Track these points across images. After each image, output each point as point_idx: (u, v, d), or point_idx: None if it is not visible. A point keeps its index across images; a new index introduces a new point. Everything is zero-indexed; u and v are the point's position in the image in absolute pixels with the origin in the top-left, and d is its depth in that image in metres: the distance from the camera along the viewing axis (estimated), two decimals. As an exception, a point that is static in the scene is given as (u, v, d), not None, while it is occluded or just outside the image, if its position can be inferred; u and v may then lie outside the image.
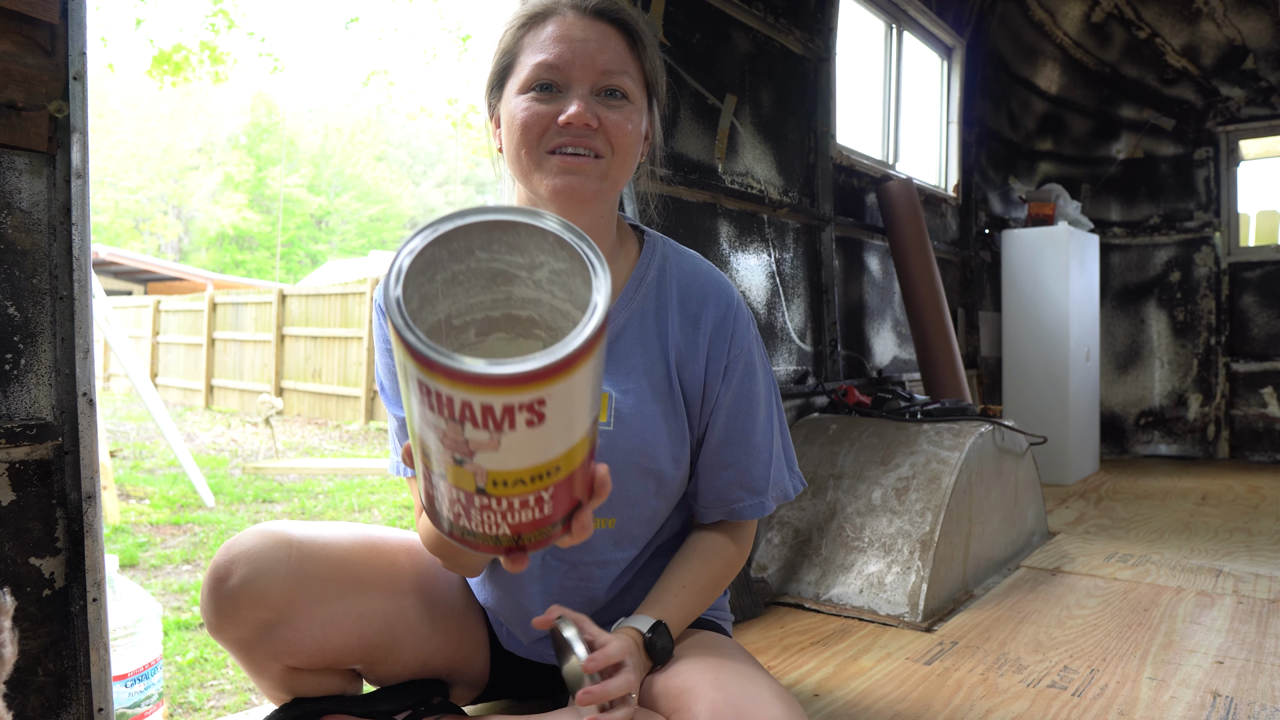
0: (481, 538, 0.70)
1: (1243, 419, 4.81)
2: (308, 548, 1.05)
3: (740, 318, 1.11)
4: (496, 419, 0.60)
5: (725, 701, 0.91)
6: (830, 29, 2.96)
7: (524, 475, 0.64)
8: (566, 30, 0.98)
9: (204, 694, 2.28)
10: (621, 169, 1.02)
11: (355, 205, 27.19)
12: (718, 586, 1.13)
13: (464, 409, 0.59)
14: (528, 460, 0.63)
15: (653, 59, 1.05)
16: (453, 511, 0.68)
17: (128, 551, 3.74)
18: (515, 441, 0.61)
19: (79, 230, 1.14)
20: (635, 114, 1.01)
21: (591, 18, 0.99)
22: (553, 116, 0.97)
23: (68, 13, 1.13)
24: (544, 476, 0.66)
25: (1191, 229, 4.95)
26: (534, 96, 0.98)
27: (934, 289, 3.30)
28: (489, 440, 0.61)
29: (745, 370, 1.11)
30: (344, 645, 1.06)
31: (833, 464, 2.38)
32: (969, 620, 2.01)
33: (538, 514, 0.68)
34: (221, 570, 1.01)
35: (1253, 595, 2.18)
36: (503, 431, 0.60)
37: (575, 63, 0.97)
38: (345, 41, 25.90)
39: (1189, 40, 4.68)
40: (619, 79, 0.99)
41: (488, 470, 0.63)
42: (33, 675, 1.11)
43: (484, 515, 0.67)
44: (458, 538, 0.71)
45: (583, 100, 0.97)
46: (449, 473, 0.65)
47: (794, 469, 1.18)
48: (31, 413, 1.11)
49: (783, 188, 2.80)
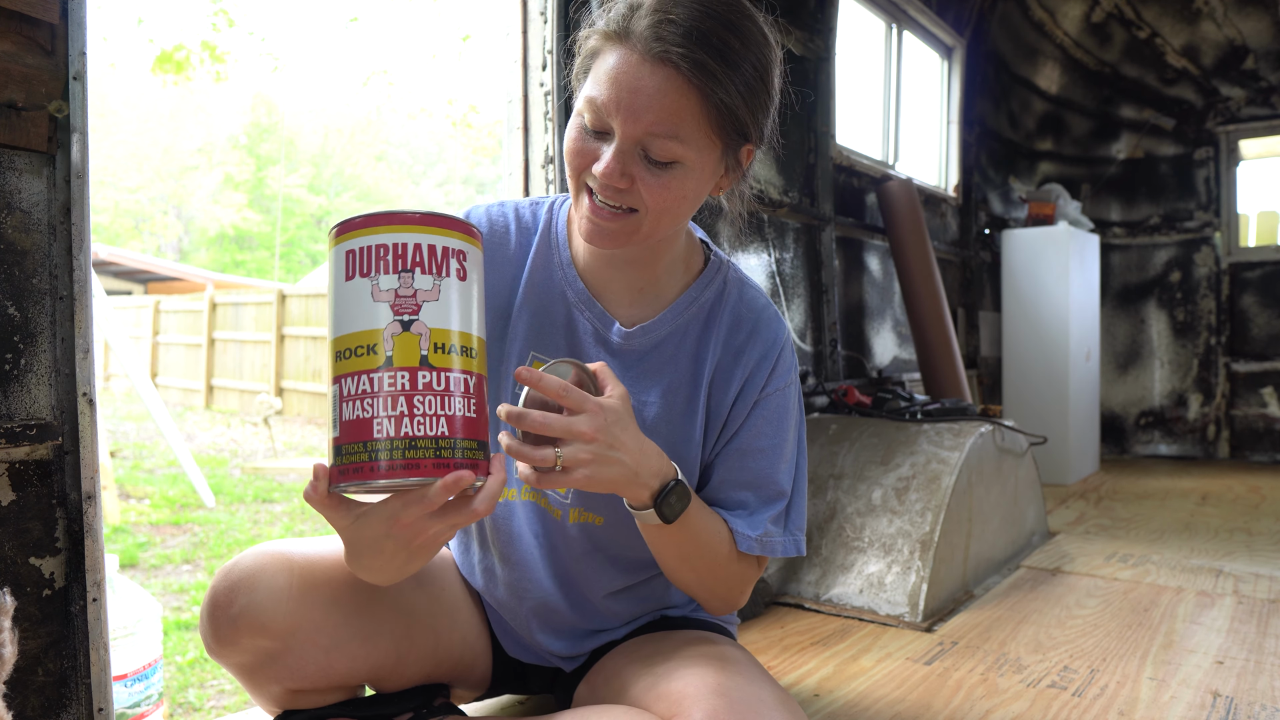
0: (422, 448, 0.74)
1: (1243, 419, 4.81)
2: (309, 571, 1.02)
3: (783, 360, 1.07)
4: (440, 262, 0.76)
5: (726, 707, 0.90)
6: (830, 29, 2.96)
7: (457, 342, 0.76)
8: (624, 71, 0.87)
9: (204, 694, 2.28)
10: (659, 224, 0.94)
11: (355, 205, 27.18)
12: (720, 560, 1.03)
13: (415, 251, 0.75)
14: (461, 321, 0.77)
15: (739, 101, 0.90)
16: (394, 414, 0.74)
17: (128, 551, 3.74)
18: (450, 292, 0.76)
19: (79, 230, 1.14)
20: (681, 177, 0.91)
21: (655, 62, 0.86)
22: (593, 157, 0.91)
23: (68, 12, 1.13)
24: (471, 354, 0.77)
25: (1191, 229, 4.95)
26: (583, 125, 0.92)
27: (934, 289, 3.30)
28: (432, 289, 0.75)
29: (777, 413, 1.06)
30: (349, 669, 1.05)
31: (833, 464, 2.38)
32: (969, 620, 2.01)
33: (468, 410, 0.76)
34: (222, 597, 0.98)
35: (1253, 595, 2.18)
36: (443, 278, 0.76)
37: (620, 114, 0.88)
38: (345, 41, 25.91)
39: (1189, 40, 4.68)
40: (663, 145, 0.88)
41: (430, 329, 0.75)
42: (33, 675, 1.11)
43: (427, 405, 0.74)
44: (391, 464, 0.74)
45: (618, 157, 0.89)
46: (395, 350, 0.74)
47: (795, 530, 1.09)
48: (31, 413, 1.11)
49: (783, 187, 2.80)
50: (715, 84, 0.88)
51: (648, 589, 1.18)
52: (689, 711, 0.91)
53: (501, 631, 1.21)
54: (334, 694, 1.08)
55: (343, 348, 0.76)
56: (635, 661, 1.07)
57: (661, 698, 0.96)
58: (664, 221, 0.94)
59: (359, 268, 0.75)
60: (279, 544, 1.05)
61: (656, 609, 1.21)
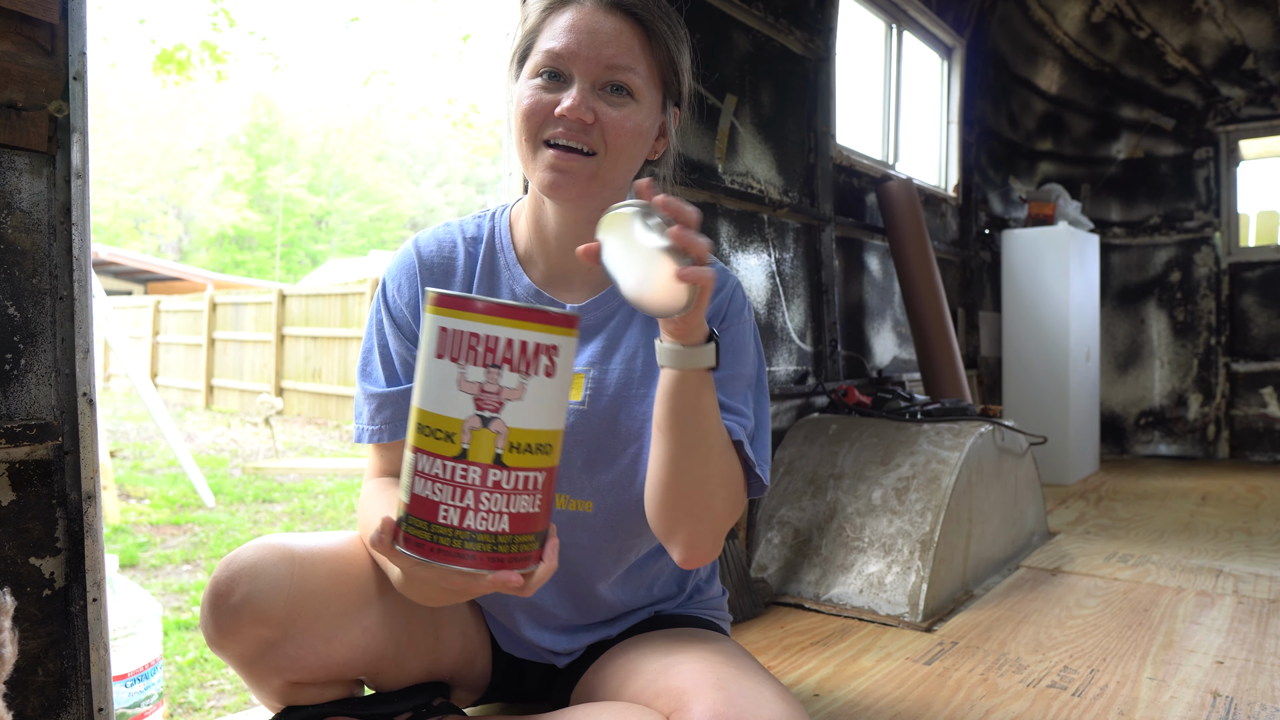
0: (479, 541, 0.76)
1: (1243, 419, 4.81)
2: (310, 562, 1.03)
3: (734, 301, 1.09)
4: (530, 359, 0.74)
5: (725, 701, 0.90)
6: (830, 29, 2.96)
7: (534, 441, 0.76)
8: (581, 19, 0.98)
9: (204, 694, 2.28)
10: (614, 168, 1.00)
11: (355, 205, 27.19)
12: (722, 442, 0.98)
13: (507, 347, 0.73)
14: (541, 419, 0.76)
15: (673, 57, 1.03)
16: (460, 506, 0.75)
17: (128, 551, 3.74)
18: (536, 391, 0.75)
19: (79, 230, 1.14)
20: (637, 112, 1.00)
21: (608, 10, 0.98)
22: (553, 105, 0.97)
23: (68, 13, 1.13)
24: (547, 450, 0.77)
25: (1191, 229, 4.95)
26: (540, 84, 0.98)
27: (934, 289, 3.30)
28: (517, 387, 0.74)
29: (732, 346, 1.06)
30: (348, 660, 1.05)
31: (833, 464, 2.38)
32: (969, 620, 2.01)
33: (532, 507, 0.77)
34: (222, 587, 0.98)
35: (1253, 595, 2.18)
36: (530, 376, 0.74)
37: (581, 54, 0.97)
38: (345, 41, 25.90)
39: (1189, 40, 4.68)
40: (624, 75, 0.98)
41: (509, 429, 0.74)
42: (33, 675, 1.11)
43: (492, 500, 0.75)
44: (448, 550, 0.76)
45: (581, 93, 0.96)
46: (472, 445, 0.74)
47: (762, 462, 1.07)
48: (31, 413, 1.11)
49: (783, 188, 2.80)
50: (658, 36, 1.01)
51: (639, 575, 1.19)
52: (689, 705, 0.91)
53: (495, 627, 1.22)
54: (333, 688, 1.08)
55: (424, 423, 0.76)
56: (633, 659, 1.07)
57: (661, 694, 0.96)
58: (620, 163, 1.01)
59: (449, 349, 0.74)
60: (279, 536, 1.06)
61: (648, 602, 1.21)
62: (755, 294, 2.64)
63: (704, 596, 1.27)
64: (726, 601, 1.31)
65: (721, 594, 1.30)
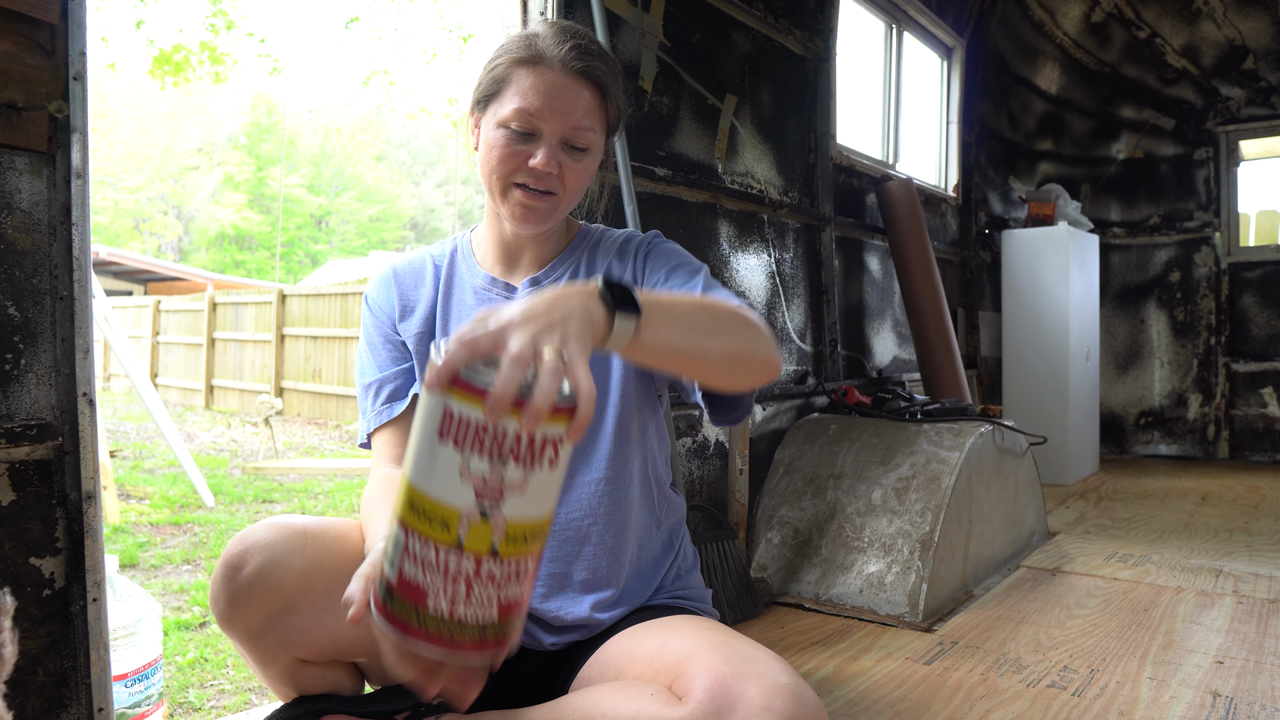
0: (468, 631, 0.73)
1: (1243, 419, 4.81)
2: (321, 538, 1.08)
3: (656, 238, 1.24)
4: (536, 451, 0.70)
5: (724, 661, 0.92)
6: (830, 29, 2.96)
7: (529, 529, 0.72)
8: (549, 83, 1.11)
9: (204, 694, 2.28)
10: (571, 203, 1.18)
11: (355, 205, 27.19)
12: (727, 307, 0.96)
13: (515, 441, 0.69)
14: (539, 508, 0.73)
15: (620, 106, 1.20)
16: (450, 598, 0.72)
17: (128, 551, 3.74)
18: (538, 483, 0.71)
19: (79, 230, 1.14)
20: (592, 162, 1.17)
21: (572, 75, 1.12)
22: (525, 157, 1.12)
23: (68, 13, 1.13)
24: (539, 537, 0.75)
25: (1191, 229, 4.95)
26: (510, 137, 1.11)
27: (934, 289, 3.30)
28: (520, 480, 0.70)
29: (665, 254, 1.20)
30: (356, 635, 1.07)
31: (833, 464, 2.38)
32: (969, 620, 2.01)
33: (519, 591, 0.75)
34: (235, 559, 1.03)
35: (1253, 595, 2.18)
36: (534, 469, 0.70)
37: (550, 116, 1.11)
38: (345, 41, 25.89)
39: (1189, 40, 4.68)
40: (584, 135, 1.13)
41: (507, 521, 0.71)
42: (33, 675, 1.11)
43: (484, 591, 0.72)
44: (436, 636, 0.73)
45: (550, 150, 1.11)
46: (468, 536, 0.70)
47: None
48: (31, 413, 1.11)
49: (783, 188, 2.80)
50: (611, 95, 1.17)
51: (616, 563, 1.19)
52: (688, 670, 0.93)
53: None
54: (337, 670, 1.12)
55: (420, 505, 0.72)
56: (627, 647, 1.09)
57: (662, 671, 0.98)
58: (575, 198, 1.19)
59: (454, 434, 0.70)
60: (289, 517, 1.11)
61: (637, 593, 1.22)
62: (755, 294, 2.64)
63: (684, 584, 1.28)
64: (710, 597, 1.32)
65: (706, 591, 1.32)
